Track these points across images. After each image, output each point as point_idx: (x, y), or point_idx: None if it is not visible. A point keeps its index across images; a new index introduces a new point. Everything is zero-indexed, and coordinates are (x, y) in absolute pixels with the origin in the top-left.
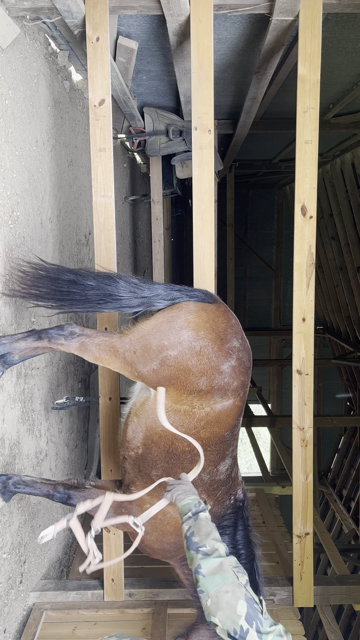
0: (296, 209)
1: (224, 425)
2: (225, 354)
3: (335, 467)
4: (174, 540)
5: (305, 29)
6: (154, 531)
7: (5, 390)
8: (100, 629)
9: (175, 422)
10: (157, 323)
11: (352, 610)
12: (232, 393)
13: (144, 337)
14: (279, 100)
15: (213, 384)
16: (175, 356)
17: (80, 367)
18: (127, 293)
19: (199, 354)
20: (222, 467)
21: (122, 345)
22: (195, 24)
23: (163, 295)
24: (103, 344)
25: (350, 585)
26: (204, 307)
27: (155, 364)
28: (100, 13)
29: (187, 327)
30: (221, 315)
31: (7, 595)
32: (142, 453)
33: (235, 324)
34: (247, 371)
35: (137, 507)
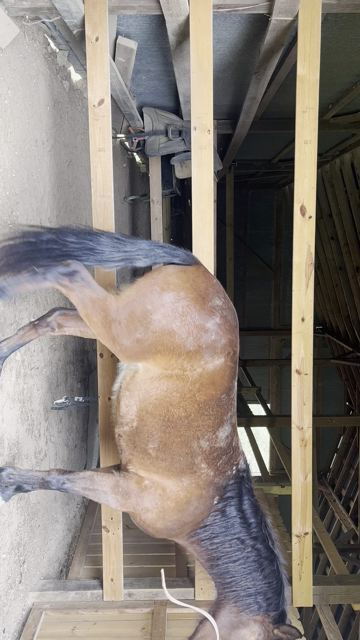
0: (295, 209)
1: (219, 387)
2: (208, 312)
3: (334, 467)
4: (176, 517)
5: (305, 29)
6: (155, 509)
7: (4, 390)
8: (99, 628)
9: (169, 388)
10: (139, 287)
11: (351, 609)
12: (222, 350)
13: (129, 304)
14: (278, 100)
15: (200, 343)
16: (158, 320)
17: (79, 367)
18: (108, 247)
19: (182, 315)
20: (221, 433)
21: (115, 311)
22: (195, 23)
23: (146, 251)
24: (98, 303)
25: (350, 585)
26: (183, 268)
27: (140, 332)
28: (99, 13)
29: (168, 289)
30: (201, 275)
31: (6, 595)
32: (137, 426)
33: (217, 284)
34: (234, 330)
35: (135, 485)
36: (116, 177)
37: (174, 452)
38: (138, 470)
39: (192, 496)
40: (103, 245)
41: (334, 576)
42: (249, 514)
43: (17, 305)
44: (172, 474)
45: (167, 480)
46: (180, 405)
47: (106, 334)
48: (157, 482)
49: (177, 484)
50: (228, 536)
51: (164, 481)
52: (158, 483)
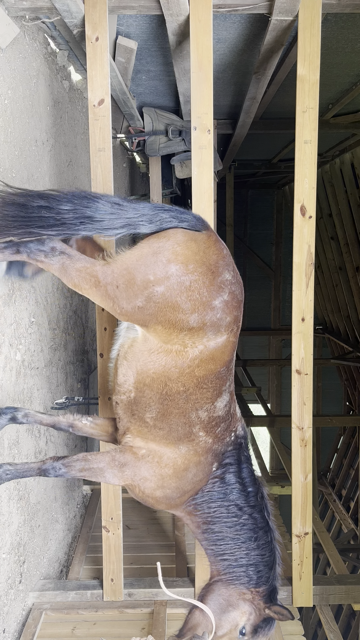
0: (295, 209)
1: (218, 362)
2: (217, 288)
3: (334, 467)
4: (175, 485)
5: (305, 29)
6: (153, 477)
7: (4, 390)
8: (99, 628)
9: (167, 363)
10: (142, 255)
11: (351, 609)
12: (226, 329)
13: (128, 271)
14: (279, 100)
15: (205, 321)
16: (162, 292)
17: (79, 367)
18: (107, 215)
19: (188, 289)
20: (219, 403)
21: (105, 276)
22: (195, 23)
23: (150, 217)
24: (84, 270)
25: (350, 585)
26: (194, 236)
27: (140, 300)
28: (99, 13)
29: (175, 260)
30: (212, 245)
31: (6, 595)
32: (135, 396)
33: (227, 255)
34: (240, 305)
35: (131, 455)
36: (116, 177)
37: (171, 421)
38: (135, 438)
39: (190, 463)
40: (101, 212)
41: (334, 576)
42: (247, 482)
43: (17, 305)
44: (170, 442)
45: (165, 448)
46: (178, 380)
47: (103, 297)
48: (154, 450)
49: (175, 452)
50: (226, 502)
51: (161, 449)
52: (155, 451)
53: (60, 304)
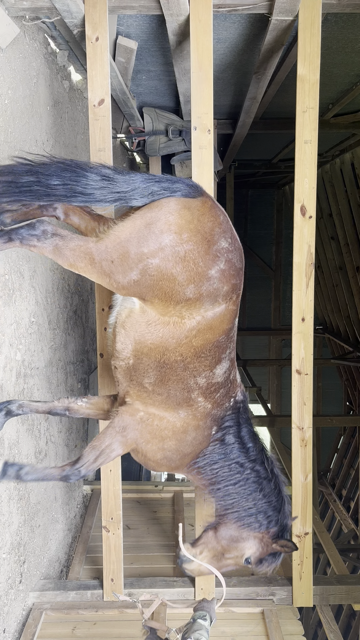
0: (295, 208)
1: (217, 331)
2: (213, 257)
3: (334, 467)
4: (175, 446)
5: (305, 29)
6: (153, 439)
7: (4, 390)
8: (99, 628)
9: (165, 335)
10: (135, 227)
11: (351, 610)
12: (224, 298)
13: (121, 245)
14: (279, 100)
15: (201, 292)
16: (157, 265)
17: (79, 366)
18: (98, 189)
19: (183, 260)
20: (218, 370)
21: (99, 253)
22: (195, 23)
23: (141, 190)
24: (78, 249)
25: (350, 585)
26: (187, 204)
27: (135, 273)
28: (99, 13)
29: (169, 231)
30: (207, 212)
31: (6, 595)
32: (133, 363)
33: (224, 221)
34: (239, 272)
35: (130, 417)
36: None
37: (170, 388)
38: (135, 402)
39: (189, 426)
40: (91, 187)
41: (334, 576)
42: (247, 440)
43: (17, 305)
44: (169, 407)
45: (164, 412)
46: (176, 350)
47: (99, 274)
48: (153, 413)
49: (174, 416)
50: (227, 461)
51: (160, 413)
52: (155, 414)
53: (60, 304)
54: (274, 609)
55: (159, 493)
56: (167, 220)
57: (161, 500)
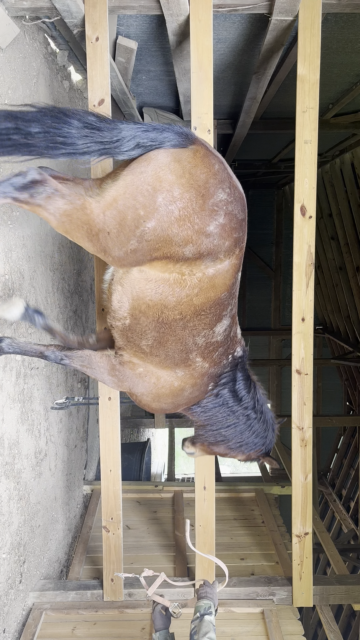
0: (296, 208)
1: (219, 288)
2: (210, 212)
3: (334, 467)
4: (170, 400)
5: (305, 29)
6: (150, 393)
7: (4, 390)
8: (99, 629)
9: (164, 292)
10: (126, 186)
11: (351, 610)
12: (226, 254)
13: (117, 210)
14: (279, 100)
15: (201, 250)
16: (153, 228)
17: None
18: (81, 139)
19: (178, 220)
20: (218, 328)
21: (96, 222)
22: (195, 23)
23: (127, 140)
24: (75, 214)
25: (350, 585)
26: (177, 156)
27: (133, 242)
28: (99, 13)
29: (160, 188)
30: (199, 163)
31: (6, 595)
32: (130, 323)
33: (220, 170)
34: (241, 224)
35: (130, 370)
36: None
37: (167, 349)
38: (132, 358)
39: (186, 385)
40: (74, 136)
41: (334, 576)
42: (241, 391)
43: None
44: (167, 367)
45: (162, 371)
46: (175, 309)
47: (94, 247)
48: (151, 371)
49: (171, 375)
50: (221, 411)
51: (158, 371)
52: (153, 372)
53: (60, 304)
54: (274, 609)
55: (159, 493)
56: (157, 175)
57: (161, 500)
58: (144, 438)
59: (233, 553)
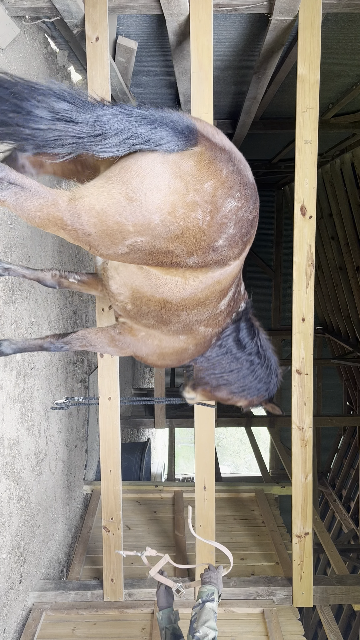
0: (296, 208)
1: (225, 283)
2: (218, 227)
3: (334, 467)
4: (175, 358)
5: (305, 28)
6: (153, 354)
7: (4, 390)
8: (99, 629)
9: (165, 292)
10: (113, 198)
11: (351, 610)
12: (235, 258)
13: (97, 217)
14: (279, 100)
15: (207, 260)
16: (148, 242)
17: (79, 367)
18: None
19: (181, 237)
20: (223, 302)
21: (72, 221)
22: (195, 23)
23: (112, 135)
24: (45, 210)
25: (350, 585)
26: (178, 168)
27: (122, 249)
28: (99, 13)
29: (158, 210)
30: (205, 174)
31: (6, 595)
32: (131, 308)
33: (229, 175)
34: (252, 223)
35: (131, 337)
36: None
37: (170, 327)
38: (134, 326)
39: (189, 345)
40: (39, 120)
41: (334, 576)
42: (244, 339)
43: (17, 305)
44: (170, 334)
45: (164, 336)
46: (179, 304)
47: (75, 241)
48: (154, 335)
49: (175, 340)
50: (224, 358)
51: (161, 336)
52: (155, 335)
53: (60, 304)
54: (274, 609)
55: (159, 493)
56: (154, 197)
57: (161, 501)
58: (144, 438)
59: (233, 553)
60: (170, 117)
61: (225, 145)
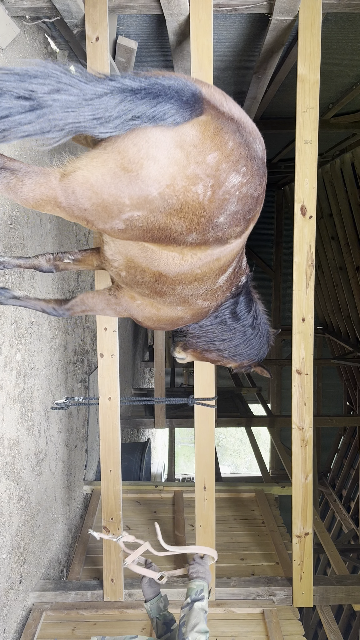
0: (296, 208)
1: (225, 260)
2: (220, 203)
3: (334, 467)
4: (170, 324)
5: (305, 28)
6: (149, 320)
7: (4, 390)
8: (99, 629)
9: (161, 266)
10: (108, 170)
11: (351, 610)
12: (236, 237)
13: (92, 191)
14: (279, 100)
15: (207, 238)
16: (145, 216)
17: (79, 367)
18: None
19: (180, 212)
20: (222, 278)
21: (66, 197)
22: (195, 23)
23: (109, 108)
24: (38, 189)
25: (350, 586)
26: (180, 139)
27: (119, 224)
28: (99, 13)
29: (156, 182)
30: (209, 145)
31: (6, 595)
32: (125, 275)
33: (234, 148)
34: (257, 200)
35: (129, 300)
36: None
37: (166, 299)
38: (131, 292)
39: (186, 315)
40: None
41: (334, 577)
42: (241, 312)
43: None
44: (166, 305)
45: (161, 306)
46: (175, 278)
47: (72, 218)
48: (151, 302)
49: (172, 310)
50: (218, 327)
51: (158, 304)
52: (152, 304)
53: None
54: (274, 609)
55: (159, 493)
56: (151, 168)
57: (161, 501)
58: (144, 438)
59: (233, 553)
60: (174, 86)
61: (234, 115)
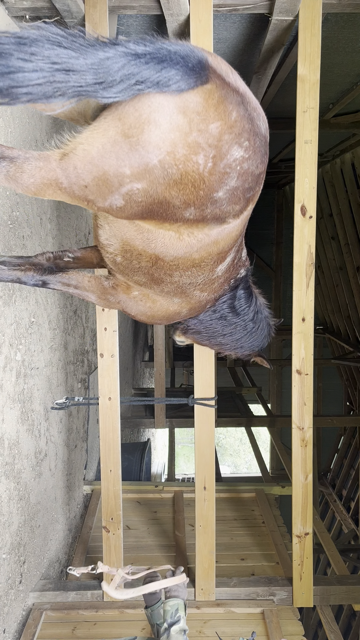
0: (296, 208)
1: (224, 244)
2: (220, 176)
3: (335, 467)
4: (166, 320)
5: (305, 28)
6: (144, 314)
7: (4, 390)
8: (99, 629)
9: (157, 247)
10: (109, 138)
11: (351, 610)
12: (235, 216)
13: (93, 164)
14: (279, 100)
15: (205, 215)
16: (144, 189)
17: (79, 367)
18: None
19: (179, 184)
20: (220, 268)
21: (67, 176)
22: (195, 23)
23: (117, 81)
24: (38, 174)
25: (350, 586)
26: (183, 104)
27: (118, 199)
28: (99, 13)
29: (157, 149)
30: (212, 113)
31: (6, 595)
32: (121, 262)
33: (238, 120)
34: (258, 179)
35: (124, 294)
36: None
37: (163, 287)
38: (127, 282)
39: (183, 309)
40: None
41: (334, 577)
42: (240, 307)
43: (17, 305)
44: (162, 296)
45: (158, 296)
46: (172, 262)
47: (72, 199)
48: (147, 294)
49: (168, 301)
50: (218, 323)
51: (154, 296)
52: (148, 296)
53: (60, 304)
54: (274, 609)
55: (159, 493)
56: (152, 133)
57: (161, 501)
58: (144, 438)
59: (233, 553)
60: (181, 52)
61: (239, 87)
